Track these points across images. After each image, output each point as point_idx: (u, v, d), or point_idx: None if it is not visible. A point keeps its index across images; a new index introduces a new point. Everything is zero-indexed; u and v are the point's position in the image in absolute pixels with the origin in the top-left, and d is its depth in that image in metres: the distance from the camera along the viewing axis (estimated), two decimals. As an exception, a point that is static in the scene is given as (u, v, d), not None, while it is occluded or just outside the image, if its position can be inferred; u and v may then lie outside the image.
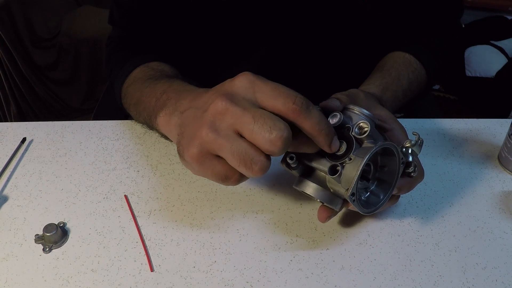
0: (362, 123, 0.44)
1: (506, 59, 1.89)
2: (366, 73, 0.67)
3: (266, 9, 0.67)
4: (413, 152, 0.47)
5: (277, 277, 0.47)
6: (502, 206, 0.55)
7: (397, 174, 0.47)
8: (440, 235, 0.52)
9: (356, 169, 0.42)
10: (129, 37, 0.72)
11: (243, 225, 0.52)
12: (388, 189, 0.47)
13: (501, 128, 0.67)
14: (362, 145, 0.44)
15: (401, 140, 0.48)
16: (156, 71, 0.62)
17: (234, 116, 0.39)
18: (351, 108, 0.46)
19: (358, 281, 0.47)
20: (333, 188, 0.45)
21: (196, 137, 0.40)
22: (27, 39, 1.52)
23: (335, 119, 0.44)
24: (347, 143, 0.44)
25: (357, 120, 0.44)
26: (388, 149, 0.45)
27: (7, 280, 0.47)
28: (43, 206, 0.55)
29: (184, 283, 0.46)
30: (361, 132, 0.43)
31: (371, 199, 0.48)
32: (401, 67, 0.66)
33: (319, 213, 0.48)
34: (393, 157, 0.46)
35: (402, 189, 0.49)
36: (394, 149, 0.45)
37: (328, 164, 0.44)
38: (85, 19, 1.70)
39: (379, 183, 0.48)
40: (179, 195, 0.56)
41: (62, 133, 0.66)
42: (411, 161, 0.47)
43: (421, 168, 0.50)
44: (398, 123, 0.50)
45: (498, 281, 0.47)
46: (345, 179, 0.43)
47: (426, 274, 0.48)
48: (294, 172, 0.47)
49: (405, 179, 0.48)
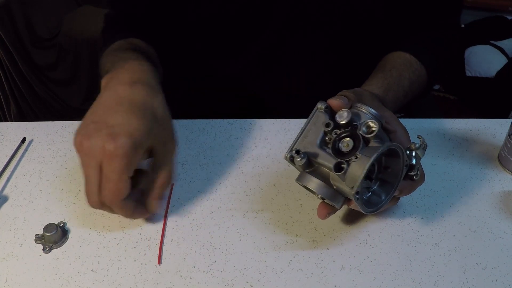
0: (370, 123, 0.44)
1: (506, 59, 1.88)
2: (366, 71, 0.66)
3: (264, 2, 0.66)
4: (416, 156, 0.47)
5: (277, 277, 0.47)
6: (502, 206, 0.55)
7: (400, 176, 0.47)
8: (440, 235, 0.51)
9: (362, 168, 0.42)
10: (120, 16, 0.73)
11: (243, 225, 0.52)
12: (390, 190, 0.47)
13: (501, 128, 0.67)
14: (368, 144, 0.44)
15: (403, 142, 0.48)
16: (130, 45, 0.63)
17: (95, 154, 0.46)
18: (359, 106, 0.46)
19: (358, 281, 0.47)
20: (336, 185, 0.45)
21: None
22: (27, 39, 1.51)
23: (344, 116, 0.44)
24: (354, 141, 0.44)
25: (365, 119, 0.44)
26: (394, 151, 0.45)
27: (7, 280, 0.47)
28: (43, 206, 0.55)
29: (184, 283, 0.46)
30: (369, 131, 0.43)
31: (372, 199, 0.48)
32: (402, 68, 0.66)
33: (319, 209, 0.48)
34: (398, 159, 0.46)
35: (403, 191, 0.49)
36: (400, 151, 0.45)
37: (334, 161, 0.44)
38: (85, 19, 1.70)
39: (381, 184, 0.48)
40: (179, 195, 0.56)
41: (62, 133, 0.66)
42: (415, 164, 0.47)
43: (422, 172, 0.50)
44: (401, 125, 0.50)
45: (498, 281, 0.47)
46: (350, 177, 0.43)
47: (426, 274, 0.48)
48: (298, 167, 0.47)
49: (407, 182, 0.48)
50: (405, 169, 0.47)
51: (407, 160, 0.46)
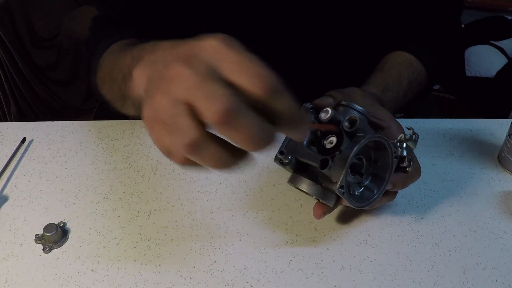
0: (352, 117, 0.44)
1: (506, 59, 1.89)
2: (366, 70, 0.66)
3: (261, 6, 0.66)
4: (408, 147, 0.47)
5: (277, 277, 0.47)
6: (502, 206, 0.55)
7: (390, 169, 0.47)
8: (440, 235, 0.51)
9: (345, 161, 0.42)
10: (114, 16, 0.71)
11: (243, 225, 0.52)
12: (382, 184, 0.47)
13: (501, 128, 0.67)
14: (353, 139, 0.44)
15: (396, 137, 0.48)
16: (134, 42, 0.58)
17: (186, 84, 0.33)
18: (344, 104, 0.46)
19: (358, 281, 0.47)
20: (324, 183, 0.45)
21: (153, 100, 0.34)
22: (27, 39, 1.51)
23: (326, 114, 0.44)
24: (337, 137, 0.44)
25: (349, 115, 0.44)
26: (380, 143, 0.45)
27: (7, 280, 0.47)
28: (43, 206, 0.55)
29: (184, 283, 0.46)
30: (351, 125, 0.43)
31: (365, 194, 0.48)
32: (402, 67, 0.66)
33: (314, 209, 0.48)
34: (386, 151, 0.46)
35: (396, 184, 0.48)
36: (385, 142, 0.45)
37: (319, 158, 0.44)
38: (85, 19, 1.70)
39: (373, 178, 0.48)
40: (179, 195, 0.56)
41: (62, 133, 0.66)
42: (405, 155, 0.47)
43: (417, 165, 0.50)
44: (395, 122, 0.50)
45: (498, 281, 0.47)
46: (335, 172, 0.43)
47: (426, 274, 0.48)
48: (288, 168, 0.47)
49: (400, 175, 0.48)
50: (395, 161, 0.46)
51: (396, 152, 0.46)
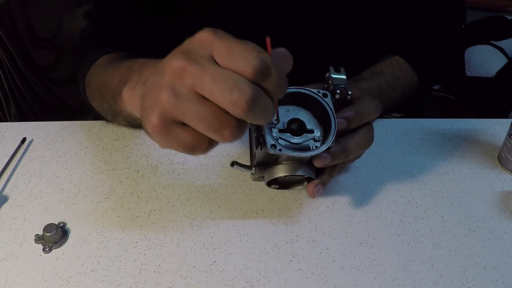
0: None
1: (506, 59, 1.89)
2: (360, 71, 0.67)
3: (268, 20, 0.66)
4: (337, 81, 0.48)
5: (277, 277, 0.47)
6: (502, 206, 0.55)
7: (329, 109, 0.45)
8: (440, 235, 0.52)
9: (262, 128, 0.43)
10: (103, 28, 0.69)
11: (243, 225, 0.52)
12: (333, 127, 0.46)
13: (501, 128, 0.67)
14: None
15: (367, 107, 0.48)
16: (122, 57, 0.59)
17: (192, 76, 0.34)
18: None
19: (358, 281, 0.47)
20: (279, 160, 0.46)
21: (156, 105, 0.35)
22: (27, 39, 1.51)
23: None
24: None
25: None
26: (302, 95, 0.45)
27: (7, 280, 0.47)
28: (43, 206, 0.55)
29: (184, 283, 0.46)
30: None
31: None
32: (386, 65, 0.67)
33: (307, 190, 0.49)
34: (314, 99, 0.46)
35: (352, 120, 0.47)
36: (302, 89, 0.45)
37: (257, 142, 0.45)
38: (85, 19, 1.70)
39: (325, 128, 0.46)
40: (179, 195, 0.56)
41: (62, 133, 0.66)
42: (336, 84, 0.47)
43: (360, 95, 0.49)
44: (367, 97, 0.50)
45: (498, 281, 0.47)
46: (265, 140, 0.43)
47: (426, 274, 0.48)
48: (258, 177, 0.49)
49: (349, 108, 0.47)
50: (328, 100, 0.45)
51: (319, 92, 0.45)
